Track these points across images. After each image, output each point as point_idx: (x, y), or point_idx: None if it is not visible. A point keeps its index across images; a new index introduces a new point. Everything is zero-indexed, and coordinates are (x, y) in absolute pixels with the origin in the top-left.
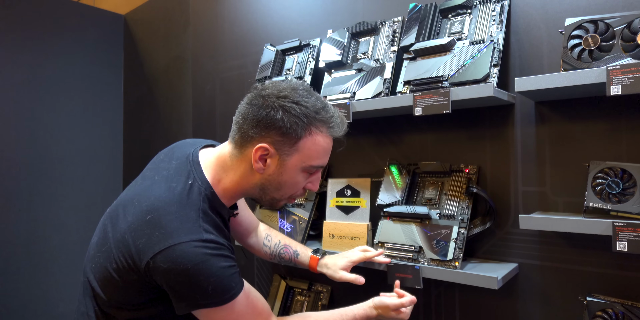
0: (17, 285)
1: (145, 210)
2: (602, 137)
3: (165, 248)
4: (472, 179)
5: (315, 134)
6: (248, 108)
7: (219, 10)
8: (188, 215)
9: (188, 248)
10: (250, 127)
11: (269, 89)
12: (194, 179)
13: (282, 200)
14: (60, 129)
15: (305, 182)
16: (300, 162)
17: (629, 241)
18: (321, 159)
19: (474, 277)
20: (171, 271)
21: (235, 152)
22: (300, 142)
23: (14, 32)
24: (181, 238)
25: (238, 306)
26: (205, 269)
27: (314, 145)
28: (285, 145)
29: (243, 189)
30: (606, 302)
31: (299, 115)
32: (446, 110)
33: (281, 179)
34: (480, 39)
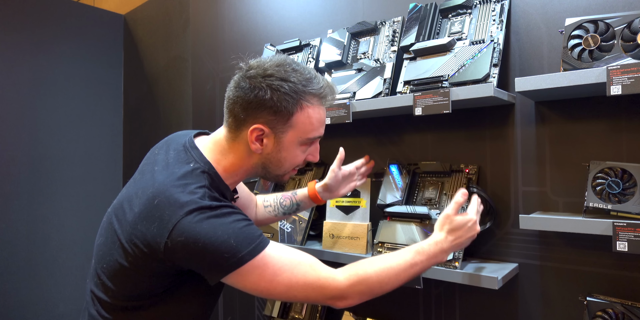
0: (17, 285)
1: (152, 196)
2: (602, 137)
3: (177, 222)
4: (472, 179)
5: (307, 107)
6: (236, 91)
7: (219, 10)
8: (193, 191)
9: (198, 215)
10: (241, 110)
11: (254, 70)
12: (195, 162)
13: (286, 175)
14: (60, 128)
15: (304, 154)
16: (296, 137)
17: (629, 241)
18: (317, 131)
19: (474, 277)
20: (189, 240)
21: (230, 135)
22: (293, 118)
23: (14, 32)
24: (190, 207)
25: (271, 258)
26: (220, 225)
27: (308, 118)
28: (279, 123)
29: (244, 170)
30: (606, 302)
31: (288, 92)
32: (446, 110)
33: (280, 155)
34: (480, 39)
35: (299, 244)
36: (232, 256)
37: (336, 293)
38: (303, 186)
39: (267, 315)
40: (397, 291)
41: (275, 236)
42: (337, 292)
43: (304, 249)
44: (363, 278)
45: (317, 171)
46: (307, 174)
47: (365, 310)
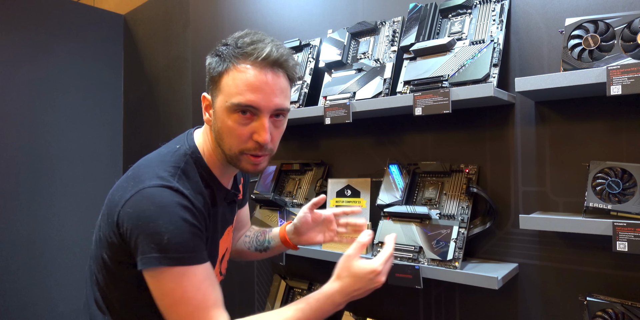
0: (17, 285)
1: (130, 169)
2: (602, 137)
3: (135, 193)
4: (472, 179)
5: (234, 69)
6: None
7: (219, 10)
8: (166, 169)
9: (155, 191)
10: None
11: None
12: (183, 144)
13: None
14: (60, 128)
15: (243, 128)
16: (223, 102)
17: (629, 241)
18: (242, 95)
19: (474, 277)
20: (134, 214)
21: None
22: (222, 81)
23: (14, 32)
24: (151, 183)
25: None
26: (166, 214)
27: (233, 80)
28: (213, 88)
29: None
30: (606, 302)
31: (221, 54)
32: (446, 110)
33: (217, 126)
34: (480, 39)
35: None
36: (157, 251)
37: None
38: (303, 186)
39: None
40: (397, 291)
41: None
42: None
43: (304, 249)
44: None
45: (317, 171)
46: (307, 174)
47: (365, 310)
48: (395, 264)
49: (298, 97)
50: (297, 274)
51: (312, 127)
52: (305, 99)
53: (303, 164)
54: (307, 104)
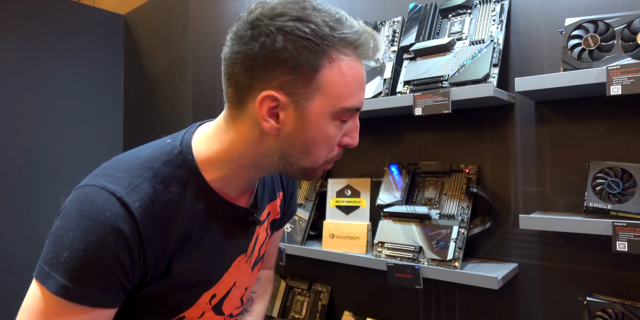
0: (17, 285)
1: None
2: (602, 137)
3: (76, 188)
4: (472, 179)
5: (339, 60)
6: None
7: (219, 10)
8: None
9: (91, 193)
10: (243, 71)
11: (257, 11)
12: (175, 139)
13: (318, 169)
14: (60, 128)
15: (339, 134)
16: (327, 105)
17: (629, 241)
18: (356, 96)
19: (474, 277)
20: (61, 212)
21: (231, 112)
22: (320, 75)
23: (14, 32)
24: (97, 181)
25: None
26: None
27: (341, 76)
28: (300, 85)
29: (252, 161)
30: (606, 302)
31: (310, 37)
32: (446, 110)
33: (306, 136)
34: (480, 39)
35: (299, 244)
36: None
37: None
38: (303, 186)
39: (267, 315)
40: (397, 291)
41: None
42: None
43: (304, 249)
44: None
45: None
46: None
47: (365, 310)
48: (395, 264)
49: None
50: (297, 274)
51: None
52: None
53: None
54: None
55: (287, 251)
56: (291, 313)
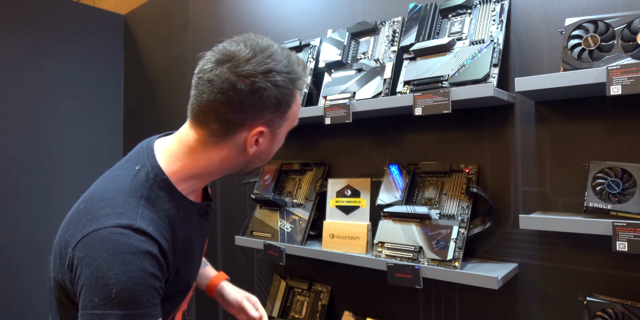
0: (17, 285)
1: (81, 201)
2: (602, 137)
3: (87, 234)
4: (472, 179)
5: (297, 94)
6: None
7: (219, 10)
8: (126, 200)
9: (111, 233)
10: (238, 114)
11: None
12: (143, 165)
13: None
14: (60, 128)
15: None
16: (288, 127)
17: (629, 241)
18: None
19: (474, 277)
20: (85, 260)
21: (212, 140)
22: (290, 111)
23: (14, 32)
24: (107, 222)
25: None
26: (122, 262)
27: (297, 105)
28: (277, 118)
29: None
30: (606, 302)
31: (287, 84)
32: (446, 110)
33: (272, 150)
34: (480, 39)
35: (299, 244)
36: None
37: None
38: (303, 186)
39: (267, 315)
40: (397, 291)
41: (275, 236)
42: None
43: (304, 249)
44: None
45: (317, 171)
46: (307, 174)
47: (365, 310)
48: (395, 264)
49: None
50: (297, 274)
51: (312, 127)
52: (305, 99)
53: (303, 164)
54: (307, 104)
55: (287, 251)
56: (291, 313)
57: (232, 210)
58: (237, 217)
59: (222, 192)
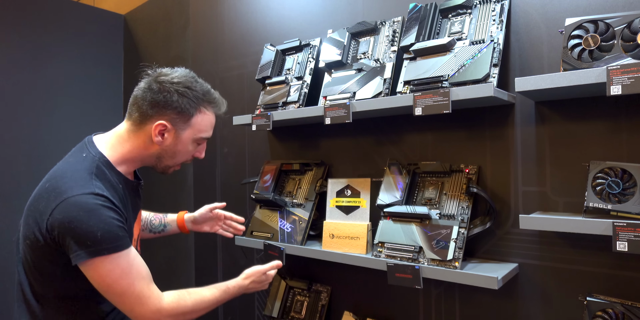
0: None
1: (45, 181)
2: (602, 137)
3: (60, 202)
4: (472, 179)
5: (203, 112)
6: (146, 92)
7: (219, 10)
8: (81, 176)
9: (79, 199)
10: (149, 108)
11: (163, 76)
12: (88, 152)
13: (172, 167)
14: (60, 128)
15: (194, 151)
16: (192, 135)
17: (629, 241)
18: (207, 132)
19: (474, 277)
20: (65, 220)
21: (133, 128)
22: (193, 119)
23: (14, 32)
24: (74, 192)
25: (124, 261)
26: (95, 216)
27: (203, 120)
28: (180, 121)
29: (141, 157)
30: (606, 302)
31: (192, 97)
32: (446, 110)
33: (176, 149)
34: (480, 39)
35: (299, 244)
36: (93, 246)
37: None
38: (303, 186)
39: (267, 315)
40: (397, 291)
41: (275, 236)
42: (156, 312)
43: (304, 249)
44: (182, 306)
45: (317, 171)
46: (307, 174)
47: (365, 310)
48: (395, 264)
49: (298, 97)
50: (297, 274)
51: (312, 127)
52: (305, 99)
53: (303, 164)
54: (307, 104)
55: (287, 251)
56: (291, 313)
57: (232, 210)
58: None
59: (222, 192)
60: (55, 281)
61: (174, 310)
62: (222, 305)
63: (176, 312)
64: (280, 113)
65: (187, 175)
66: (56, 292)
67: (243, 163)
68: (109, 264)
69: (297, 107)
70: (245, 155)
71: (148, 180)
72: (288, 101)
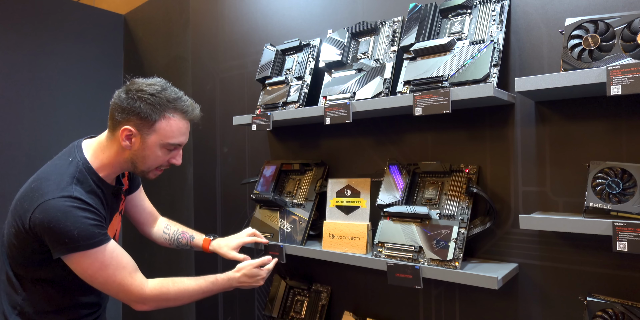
0: None
1: (31, 181)
2: (602, 137)
3: (41, 203)
4: (472, 179)
5: (168, 118)
6: (116, 100)
7: (219, 10)
8: (63, 180)
9: (58, 201)
10: (117, 114)
11: (133, 85)
12: (74, 157)
13: (150, 172)
14: (60, 129)
15: (167, 157)
16: (158, 140)
17: (629, 241)
18: (177, 138)
19: (474, 277)
20: (44, 220)
21: (109, 135)
22: (157, 124)
23: (14, 32)
24: (54, 194)
25: (102, 255)
26: (71, 217)
27: (169, 126)
28: (145, 127)
29: (118, 163)
30: (606, 302)
31: (154, 103)
32: (446, 110)
33: (144, 153)
34: (480, 39)
35: (299, 244)
36: (70, 243)
37: (139, 299)
38: (303, 186)
39: (267, 315)
40: (397, 291)
41: (275, 236)
42: (139, 298)
43: (304, 249)
44: (164, 293)
45: (317, 171)
46: (307, 174)
47: (365, 310)
48: (395, 264)
49: (298, 97)
50: (297, 274)
51: (312, 127)
52: (305, 99)
53: (303, 164)
54: (307, 104)
55: (287, 251)
56: (291, 313)
57: (232, 210)
58: (237, 217)
59: (222, 192)
60: (34, 265)
61: (157, 296)
62: (222, 305)
63: (158, 298)
64: (280, 113)
65: (187, 175)
66: (35, 275)
67: (243, 163)
68: (88, 258)
69: (297, 107)
70: (245, 155)
71: (148, 180)
72: (288, 101)
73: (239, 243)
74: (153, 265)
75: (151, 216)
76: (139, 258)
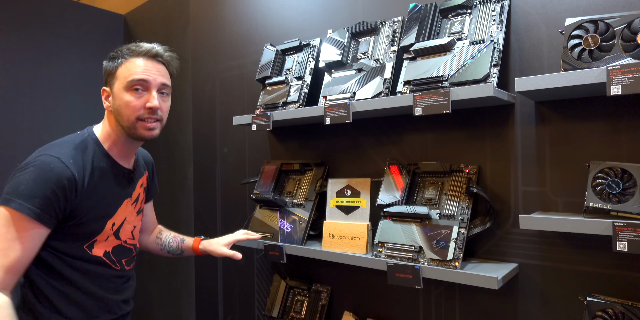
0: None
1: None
2: (602, 137)
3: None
4: (472, 179)
5: (127, 62)
6: None
7: (219, 10)
8: (64, 146)
9: (47, 157)
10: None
11: None
12: (83, 131)
13: (137, 127)
14: (61, 129)
15: (139, 102)
16: (121, 84)
17: (629, 241)
18: (136, 75)
19: (474, 277)
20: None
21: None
22: (117, 71)
23: (14, 32)
24: (48, 152)
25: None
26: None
27: (126, 68)
28: (110, 80)
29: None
30: (606, 302)
31: (114, 56)
32: (446, 110)
33: (117, 104)
34: (480, 39)
35: (299, 244)
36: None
37: None
38: (303, 186)
39: (267, 315)
40: (397, 291)
41: (275, 236)
42: None
43: (304, 249)
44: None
45: (317, 171)
46: (307, 174)
47: (365, 310)
48: (395, 264)
49: (298, 97)
50: (297, 274)
51: (312, 127)
52: (305, 99)
53: (303, 164)
54: (307, 104)
55: (287, 251)
56: (291, 313)
57: (232, 210)
58: (237, 217)
59: (222, 192)
60: None
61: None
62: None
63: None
64: (280, 113)
65: (187, 175)
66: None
67: (243, 163)
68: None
69: (297, 107)
70: (245, 155)
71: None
72: (288, 101)
73: (231, 240)
74: (153, 266)
75: (152, 225)
76: (138, 258)
